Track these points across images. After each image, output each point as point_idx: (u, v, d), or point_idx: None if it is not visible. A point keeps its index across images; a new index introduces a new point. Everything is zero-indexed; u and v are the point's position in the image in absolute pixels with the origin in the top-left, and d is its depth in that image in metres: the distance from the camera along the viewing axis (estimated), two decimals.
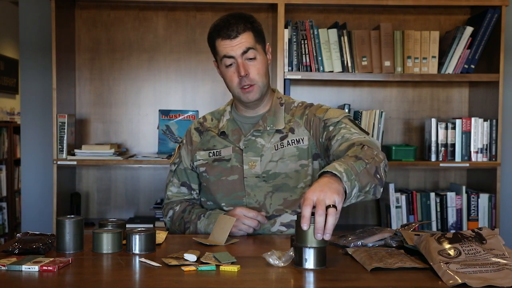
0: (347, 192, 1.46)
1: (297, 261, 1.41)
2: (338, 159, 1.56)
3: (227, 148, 1.94)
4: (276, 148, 1.90)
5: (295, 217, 1.78)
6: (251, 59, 1.87)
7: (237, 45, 1.85)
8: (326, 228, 1.36)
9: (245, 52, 1.85)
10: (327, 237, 1.36)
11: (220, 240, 1.69)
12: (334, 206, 1.38)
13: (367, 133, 1.84)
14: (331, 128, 1.86)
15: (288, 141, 1.91)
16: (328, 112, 1.91)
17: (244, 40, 1.85)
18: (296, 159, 1.89)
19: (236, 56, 1.86)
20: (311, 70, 3.00)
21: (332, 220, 1.36)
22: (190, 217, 1.94)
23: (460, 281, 1.25)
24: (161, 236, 1.74)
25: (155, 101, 3.29)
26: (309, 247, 1.39)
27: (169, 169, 2.10)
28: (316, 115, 1.91)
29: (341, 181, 1.45)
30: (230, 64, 1.87)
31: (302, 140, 1.91)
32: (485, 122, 3.04)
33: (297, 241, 1.41)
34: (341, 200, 1.42)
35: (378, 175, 1.59)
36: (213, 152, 1.97)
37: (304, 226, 1.36)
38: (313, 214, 1.37)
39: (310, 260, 1.39)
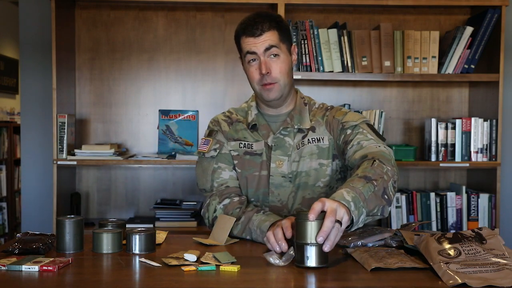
0: (354, 220, 1.48)
1: (299, 259, 1.40)
2: (347, 184, 1.55)
3: (259, 142, 1.92)
4: (298, 147, 1.90)
5: None
6: (274, 56, 1.86)
7: (261, 42, 1.85)
8: (329, 239, 1.37)
9: (268, 49, 1.85)
10: (327, 248, 1.37)
11: (220, 240, 1.69)
12: (340, 223, 1.40)
13: (384, 139, 1.85)
14: (348, 131, 1.86)
15: (308, 139, 1.90)
16: (347, 115, 1.91)
17: (268, 38, 1.85)
18: (315, 157, 1.89)
19: (259, 53, 1.85)
20: (311, 70, 2.99)
21: (337, 234, 1.38)
22: (247, 209, 1.82)
23: (460, 281, 1.25)
24: (161, 236, 1.74)
25: (155, 101, 3.29)
26: (311, 245, 1.38)
27: (205, 158, 1.94)
28: (335, 117, 1.91)
29: (349, 211, 1.45)
30: (253, 60, 1.87)
31: (323, 139, 1.90)
32: (485, 122, 3.04)
33: (298, 238, 1.40)
34: (346, 224, 1.43)
35: (386, 196, 1.59)
36: (244, 144, 1.94)
37: (311, 217, 1.37)
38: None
39: (312, 257, 1.39)
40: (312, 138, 1.90)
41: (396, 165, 1.73)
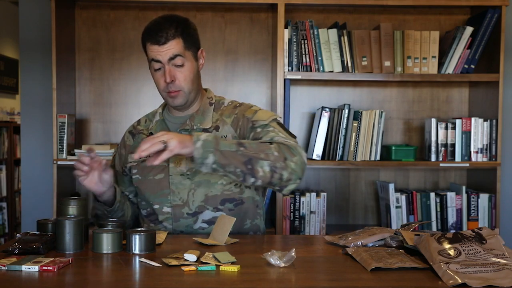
0: (195, 157, 1.65)
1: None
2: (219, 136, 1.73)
3: None
4: None
5: (216, 214, 1.88)
6: (178, 65, 1.90)
7: (165, 51, 1.88)
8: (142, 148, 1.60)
9: (172, 59, 1.89)
10: (136, 155, 1.60)
11: (220, 240, 1.69)
12: (165, 143, 1.61)
13: (294, 137, 1.90)
14: (258, 129, 1.90)
15: None
16: (258, 113, 1.94)
17: (172, 46, 1.88)
18: None
19: (163, 62, 1.89)
20: (311, 70, 3.00)
21: (150, 145, 1.62)
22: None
23: (460, 281, 1.25)
24: (161, 236, 1.74)
25: (155, 101, 3.28)
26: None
27: None
28: (245, 115, 1.95)
29: (193, 145, 1.64)
30: (159, 68, 1.91)
31: (225, 137, 1.92)
32: (485, 122, 3.04)
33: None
34: (177, 149, 1.63)
35: (249, 166, 1.69)
36: None
37: (135, 155, 1.60)
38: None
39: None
40: None
41: (302, 163, 1.76)
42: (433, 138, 3.05)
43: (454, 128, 3.05)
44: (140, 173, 1.99)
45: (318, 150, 3.01)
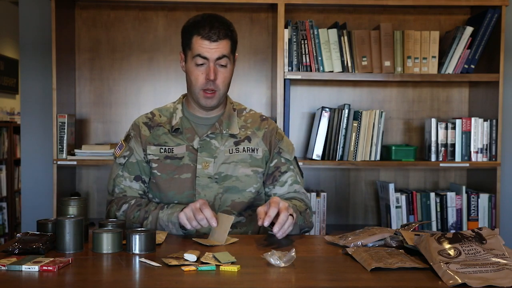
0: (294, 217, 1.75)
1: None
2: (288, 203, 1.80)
3: (181, 146, 1.95)
4: (231, 152, 1.94)
5: (238, 219, 1.94)
6: (222, 66, 1.90)
7: (215, 49, 1.87)
8: (283, 229, 1.69)
9: (219, 58, 1.89)
10: (279, 235, 1.68)
11: (220, 240, 1.69)
12: (292, 216, 1.72)
13: (302, 175, 2.08)
14: (283, 160, 2.01)
15: (244, 147, 1.96)
16: (284, 141, 2.04)
17: (222, 46, 1.88)
18: (248, 165, 1.95)
19: (210, 59, 1.88)
20: (311, 70, 3.00)
21: (290, 224, 1.70)
22: (149, 208, 1.88)
23: (460, 281, 1.25)
24: (161, 236, 1.74)
25: (155, 101, 3.29)
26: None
27: (115, 162, 2.01)
28: (275, 137, 2.02)
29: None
30: (201, 64, 1.89)
31: (257, 151, 1.98)
32: (485, 122, 3.04)
33: None
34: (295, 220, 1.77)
35: (301, 230, 1.91)
36: (165, 148, 1.96)
37: (265, 223, 1.65)
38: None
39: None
40: (247, 147, 1.97)
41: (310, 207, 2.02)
42: (433, 138, 3.05)
43: (454, 128, 3.05)
44: (161, 170, 1.94)
45: (318, 150, 3.01)
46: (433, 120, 3.06)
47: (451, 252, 1.36)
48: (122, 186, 1.98)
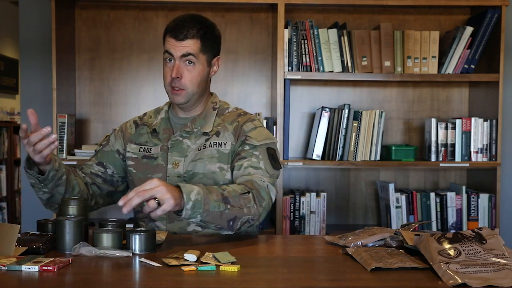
0: (183, 216, 1.63)
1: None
2: (209, 187, 1.70)
3: (157, 147, 1.97)
4: (199, 149, 1.93)
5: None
6: (189, 63, 1.90)
7: (180, 47, 1.89)
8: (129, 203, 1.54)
9: (184, 56, 1.89)
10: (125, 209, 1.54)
11: (7, 253, 1.50)
12: (159, 204, 1.55)
13: (279, 168, 1.90)
14: (246, 147, 1.90)
15: (210, 143, 1.93)
16: (255, 131, 1.93)
17: (188, 45, 1.89)
18: (215, 160, 1.91)
19: (175, 57, 1.89)
20: (311, 70, 3.00)
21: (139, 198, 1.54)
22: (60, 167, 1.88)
23: (460, 281, 1.25)
24: (161, 236, 1.74)
25: (155, 101, 3.28)
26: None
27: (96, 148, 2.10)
28: (243, 127, 1.94)
29: (184, 205, 1.61)
30: (169, 60, 1.91)
31: (225, 144, 1.93)
32: (485, 122, 3.04)
33: None
34: (170, 208, 1.57)
35: (231, 222, 1.70)
36: (144, 148, 1.99)
37: (120, 202, 1.53)
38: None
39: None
40: (214, 142, 1.93)
41: (268, 206, 1.80)
42: (433, 138, 3.05)
43: (454, 128, 3.05)
44: (136, 168, 1.97)
45: (318, 150, 3.01)
46: (433, 120, 3.06)
47: (451, 252, 1.37)
48: (83, 167, 2.03)
